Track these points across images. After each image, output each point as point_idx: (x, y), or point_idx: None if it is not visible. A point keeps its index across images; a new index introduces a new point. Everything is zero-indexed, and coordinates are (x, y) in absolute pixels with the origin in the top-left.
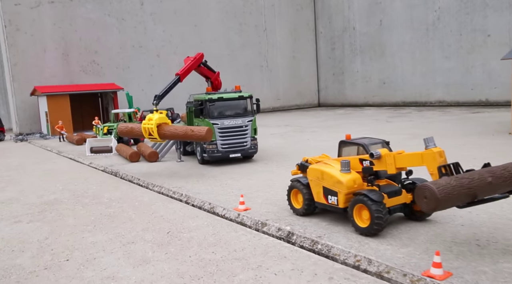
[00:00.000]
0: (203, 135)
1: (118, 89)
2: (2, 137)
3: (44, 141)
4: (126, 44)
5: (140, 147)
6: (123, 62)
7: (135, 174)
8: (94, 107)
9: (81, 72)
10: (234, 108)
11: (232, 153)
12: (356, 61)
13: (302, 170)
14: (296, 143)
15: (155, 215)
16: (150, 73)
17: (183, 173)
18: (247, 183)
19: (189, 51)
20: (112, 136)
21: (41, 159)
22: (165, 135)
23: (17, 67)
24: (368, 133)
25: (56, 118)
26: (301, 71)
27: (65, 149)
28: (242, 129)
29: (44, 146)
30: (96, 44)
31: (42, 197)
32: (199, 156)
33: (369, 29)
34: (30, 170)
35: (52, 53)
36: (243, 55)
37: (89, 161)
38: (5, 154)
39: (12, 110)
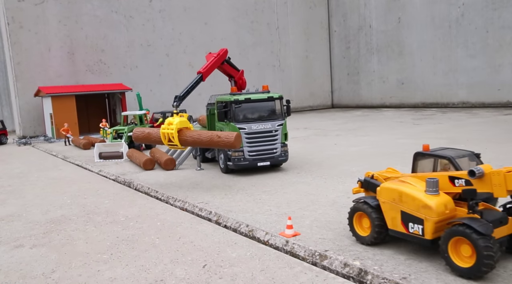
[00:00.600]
0: (232, 141)
1: (126, 90)
2: (5, 140)
3: (49, 144)
4: (134, 43)
5: (155, 153)
6: (131, 61)
7: (151, 185)
8: (100, 108)
9: (87, 71)
10: (262, 111)
11: (261, 162)
12: (372, 60)
13: (367, 188)
14: (324, 149)
15: (183, 240)
16: (159, 72)
17: (206, 184)
18: (284, 198)
19: (199, 50)
20: (122, 140)
21: (45, 165)
22: (187, 142)
23: (21, 67)
24: (401, 137)
25: (61, 120)
26: (314, 71)
27: (71, 154)
28: (271, 134)
29: (48, 151)
30: (102, 43)
31: (48, 213)
32: (222, 164)
33: (386, 27)
34: (33, 178)
35: (57, 52)
36: (254, 54)
37: (99, 169)
38: (7, 159)
39: (15, 111)
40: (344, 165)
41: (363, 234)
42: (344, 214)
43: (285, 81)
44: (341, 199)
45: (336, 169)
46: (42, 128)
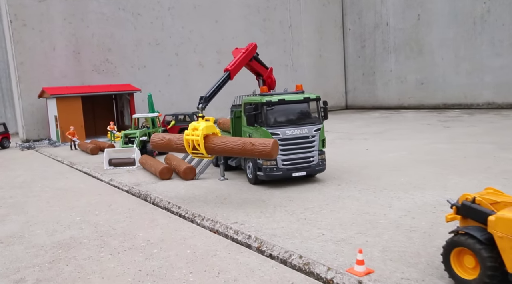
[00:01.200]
0: (268, 150)
1: (135, 91)
2: (7, 144)
3: (54, 149)
4: (142, 41)
5: (171, 161)
6: (139, 60)
7: (171, 198)
8: (107, 110)
9: (93, 71)
10: (297, 114)
11: (296, 172)
12: (389, 59)
13: (467, 216)
14: (356, 155)
15: (223, 277)
16: (168, 72)
17: (235, 198)
18: (334, 217)
19: (210, 49)
20: (134, 146)
21: (50, 172)
22: (214, 150)
23: (24, 66)
24: (436, 141)
25: (66, 122)
26: (328, 71)
27: (78, 159)
28: (308, 140)
29: (53, 156)
30: (109, 41)
31: (54, 235)
32: (251, 174)
33: (404, 24)
34: (38, 189)
35: (62, 51)
36: (266, 54)
37: (109, 177)
38: (9, 165)
39: (18, 113)
40: (388, 175)
41: (467, 277)
42: (418, 242)
43: (298, 81)
44: (405, 220)
45: (381, 180)
46: (46, 131)
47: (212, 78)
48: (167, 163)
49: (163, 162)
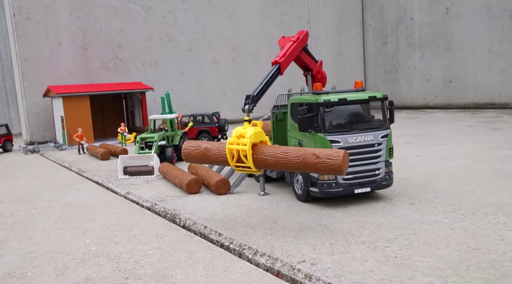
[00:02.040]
0: (338, 164)
1: (147, 89)
2: (10, 147)
3: (60, 152)
4: (153, 37)
5: (197, 170)
6: (150, 57)
7: (207, 221)
8: (117, 110)
9: (102, 69)
10: (360, 116)
11: (358, 187)
12: (414, 56)
13: None
14: (409, 162)
15: None
16: (181, 70)
17: (288, 221)
18: (435, 255)
19: (224, 45)
20: (152, 151)
21: (57, 182)
22: (266, 163)
23: (28, 63)
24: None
25: (73, 124)
26: (347, 68)
27: (87, 165)
28: (374, 149)
29: (60, 161)
30: (119, 37)
31: (65, 274)
32: (300, 189)
33: (431, 18)
34: (43, 203)
35: (68, 47)
36: None
37: (126, 190)
38: (11, 171)
39: (22, 114)
40: (469, 191)
41: None
42: None
43: None
44: None
45: (462, 197)
46: (51, 132)
47: (226, 76)
48: (192, 173)
49: (187, 170)
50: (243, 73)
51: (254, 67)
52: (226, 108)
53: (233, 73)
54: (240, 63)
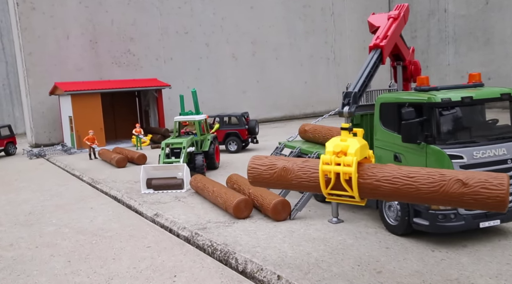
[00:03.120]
0: (502, 196)
1: (163, 86)
2: (13, 150)
3: (68, 157)
4: (168, 30)
5: (240, 185)
6: (165, 52)
7: (277, 265)
8: (129, 110)
9: (113, 64)
10: (484, 121)
11: (485, 220)
12: (447, 51)
13: None
14: None
15: None
16: (198, 66)
17: (395, 270)
18: None
19: (244, 40)
20: (181, 160)
21: (67, 196)
22: (378, 191)
23: (32, 58)
24: None
25: (83, 124)
26: None
27: (101, 174)
28: (506, 167)
29: (69, 167)
30: (131, 29)
31: None
32: (395, 219)
33: (468, 10)
34: (51, 229)
35: (77, 40)
36: (306, 45)
37: (153, 211)
38: (13, 181)
39: (27, 113)
40: None
41: None
42: None
43: (341, 77)
44: None
45: None
46: (59, 134)
47: (246, 73)
48: (234, 188)
49: (227, 185)
50: (263, 69)
51: (275, 63)
52: (246, 107)
53: (253, 69)
54: (260, 59)
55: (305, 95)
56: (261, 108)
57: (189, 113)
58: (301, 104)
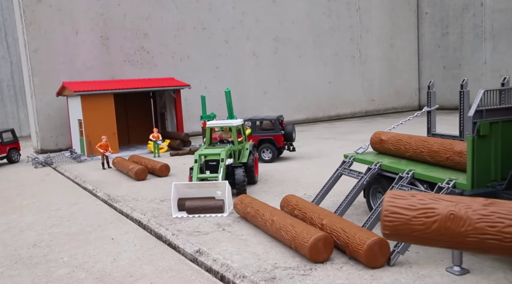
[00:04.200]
0: None
1: (182, 86)
2: (16, 157)
3: (78, 166)
4: (185, 25)
5: (301, 208)
6: (181, 49)
7: None
8: (143, 112)
9: (125, 62)
10: None
11: None
12: (483, 49)
13: None
14: None
15: None
16: (216, 65)
17: None
18: None
19: (265, 36)
20: (219, 176)
21: (80, 220)
22: None
23: (38, 55)
24: None
25: (94, 129)
26: (400, 63)
27: (119, 190)
28: None
29: (80, 179)
30: (146, 24)
31: None
32: None
33: (509, 3)
34: (62, 272)
35: (86, 36)
36: (331, 42)
37: (194, 246)
38: (15, 197)
39: (32, 116)
40: None
41: None
42: None
43: (366, 77)
44: None
45: None
46: (66, 139)
47: (267, 72)
48: (296, 215)
49: (283, 209)
50: (286, 68)
51: (298, 61)
52: (267, 109)
53: (275, 68)
54: (282, 57)
55: (329, 96)
56: (283, 110)
57: (212, 116)
58: (325, 106)
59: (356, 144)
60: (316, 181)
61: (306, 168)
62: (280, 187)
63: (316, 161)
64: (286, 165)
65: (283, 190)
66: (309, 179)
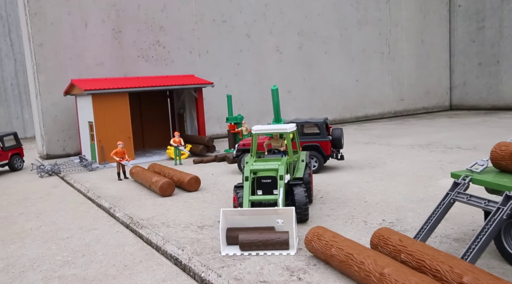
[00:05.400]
0: None
1: (205, 85)
2: (19, 165)
3: (90, 175)
4: (204, 17)
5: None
6: (200, 43)
7: None
8: (159, 113)
9: (139, 58)
10: None
11: None
12: None
13: None
14: None
15: None
16: (237, 61)
17: None
18: None
19: (289, 30)
20: (279, 198)
21: (100, 256)
22: None
23: (44, 50)
24: None
25: (107, 132)
26: (431, 60)
27: (142, 210)
28: None
29: (92, 193)
30: (161, 16)
31: None
32: None
33: None
34: None
35: (97, 29)
36: (359, 37)
37: None
38: (16, 217)
39: (36, 117)
40: None
41: None
42: None
43: (395, 74)
44: None
45: None
46: (75, 143)
47: (292, 69)
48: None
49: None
50: (311, 65)
51: (325, 57)
52: (291, 110)
53: (300, 64)
54: (307, 53)
55: (357, 95)
56: (308, 110)
57: (239, 118)
58: (352, 106)
59: (404, 149)
60: (387, 201)
61: (364, 181)
62: (345, 209)
63: (371, 173)
64: (336, 177)
65: (351, 213)
66: (377, 197)
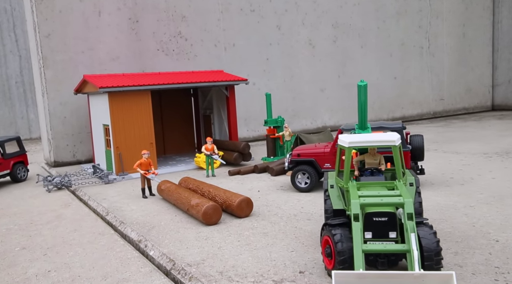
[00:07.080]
0: None
1: (238, 81)
2: (23, 175)
3: (106, 190)
4: (230, 6)
5: None
6: (226, 36)
7: None
8: (182, 114)
9: (159, 51)
10: None
11: None
12: None
13: None
14: None
15: None
16: (266, 56)
17: None
18: None
19: (323, 22)
20: (413, 248)
21: None
22: None
23: (51, 42)
24: None
25: (125, 137)
26: (472, 56)
27: (183, 246)
28: None
29: (112, 216)
30: (183, 5)
31: None
32: None
33: None
34: None
35: (111, 18)
36: (397, 30)
37: None
38: (17, 250)
39: (43, 118)
40: None
41: None
42: None
43: (435, 71)
44: None
45: None
46: (87, 148)
47: (325, 64)
48: None
49: None
50: (346, 60)
51: (361, 52)
52: (324, 110)
53: (334, 60)
54: (342, 47)
55: (394, 94)
56: (342, 111)
57: (280, 120)
58: (389, 106)
59: (480, 159)
60: None
61: (467, 206)
62: (477, 254)
63: (467, 192)
64: (427, 200)
65: (491, 263)
66: (507, 233)
